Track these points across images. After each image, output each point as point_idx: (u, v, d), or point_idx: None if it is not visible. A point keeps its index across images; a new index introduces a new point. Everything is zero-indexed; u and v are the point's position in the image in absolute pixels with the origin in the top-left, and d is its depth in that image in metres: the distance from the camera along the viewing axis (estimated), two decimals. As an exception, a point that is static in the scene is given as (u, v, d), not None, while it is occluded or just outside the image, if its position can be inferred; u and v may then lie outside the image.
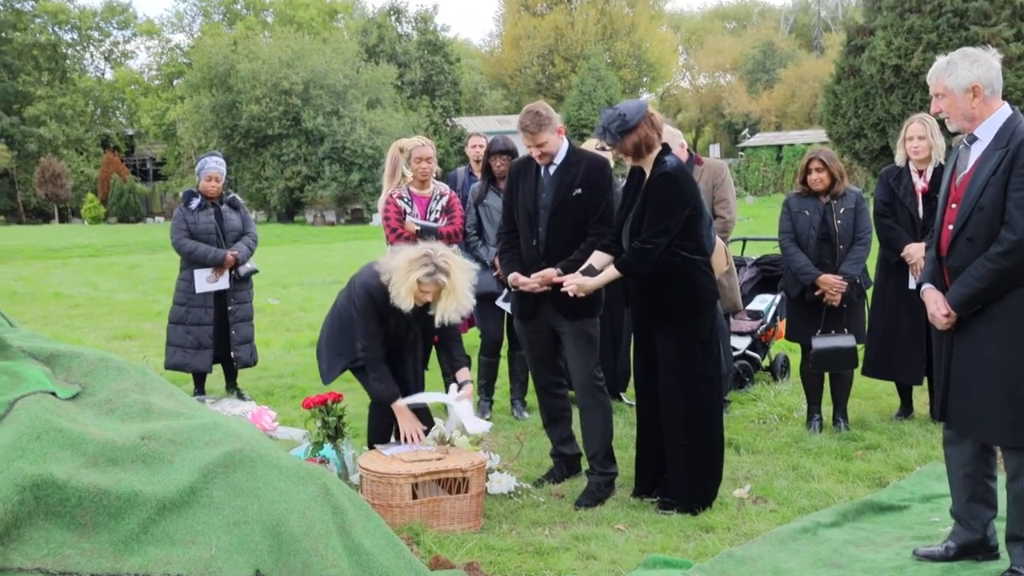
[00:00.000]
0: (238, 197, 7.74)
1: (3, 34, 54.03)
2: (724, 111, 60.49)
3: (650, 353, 5.01)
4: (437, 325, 5.18)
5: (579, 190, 5.13)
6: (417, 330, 5.38)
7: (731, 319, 7.01)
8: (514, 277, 5.22)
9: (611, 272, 4.89)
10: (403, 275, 4.99)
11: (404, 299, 4.99)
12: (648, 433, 5.11)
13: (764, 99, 57.81)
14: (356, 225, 40.09)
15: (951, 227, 3.96)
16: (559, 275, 5.04)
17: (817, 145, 37.52)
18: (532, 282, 5.12)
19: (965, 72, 3.89)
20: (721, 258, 6.23)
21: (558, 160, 5.21)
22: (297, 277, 18.01)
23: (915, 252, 6.24)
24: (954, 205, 3.97)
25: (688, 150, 6.64)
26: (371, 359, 5.23)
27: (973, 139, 3.97)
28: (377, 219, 33.00)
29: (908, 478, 5.34)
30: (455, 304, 5.09)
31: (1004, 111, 3.92)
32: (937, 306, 3.98)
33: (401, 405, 5.22)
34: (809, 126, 52.23)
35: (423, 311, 5.18)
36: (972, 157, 3.96)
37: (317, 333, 10.51)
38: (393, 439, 5.26)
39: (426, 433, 5.19)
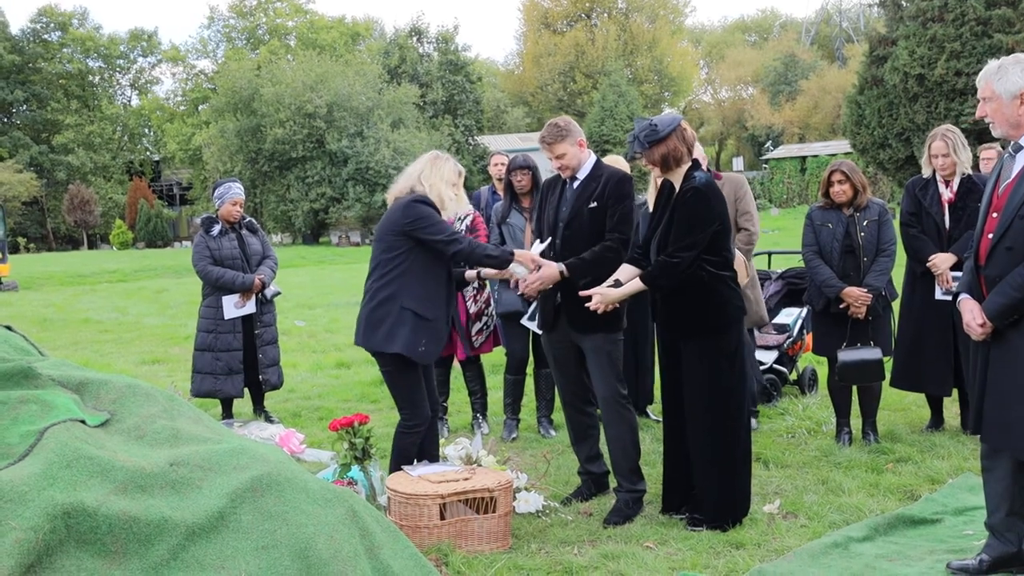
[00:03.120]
0: (254, 220, 7.76)
1: (31, 65, 54.81)
2: (747, 124, 60.44)
3: (676, 368, 4.99)
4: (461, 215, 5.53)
5: (594, 203, 5.15)
6: None
7: (756, 332, 6.97)
8: (528, 256, 5.21)
9: (636, 284, 4.89)
10: (436, 173, 5.11)
11: (449, 196, 5.11)
12: (676, 449, 5.09)
13: (787, 111, 57.67)
14: (381, 245, 40.16)
15: (991, 236, 3.89)
16: (563, 273, 5.08)
17: (841, 156, 37.41)
18: (533, 275, 5.14)
19: (1016, 78, 3.83)
20: (741, 270, 6.21)
21: (582, 174, 5.24)
22: (323, 298, 18.08)
23: (941, 262, 6.20)
24: (995, 214, 3.91)
25: (708, 166, 6.65)
26: (464, 248, 5.05)
27: (1019, 148, 3.90)
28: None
29: (940, 491, 5.28)
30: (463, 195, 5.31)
31: None
32: (973, 316, 3.92)
33: (519, 252, 5.23)
34: (833, 137, 52.05)
35: None
36: (1017, 166, 3.90)
37: (343, 354, 10.67)
38: (417, 460, 5.26)
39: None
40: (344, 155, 41.35)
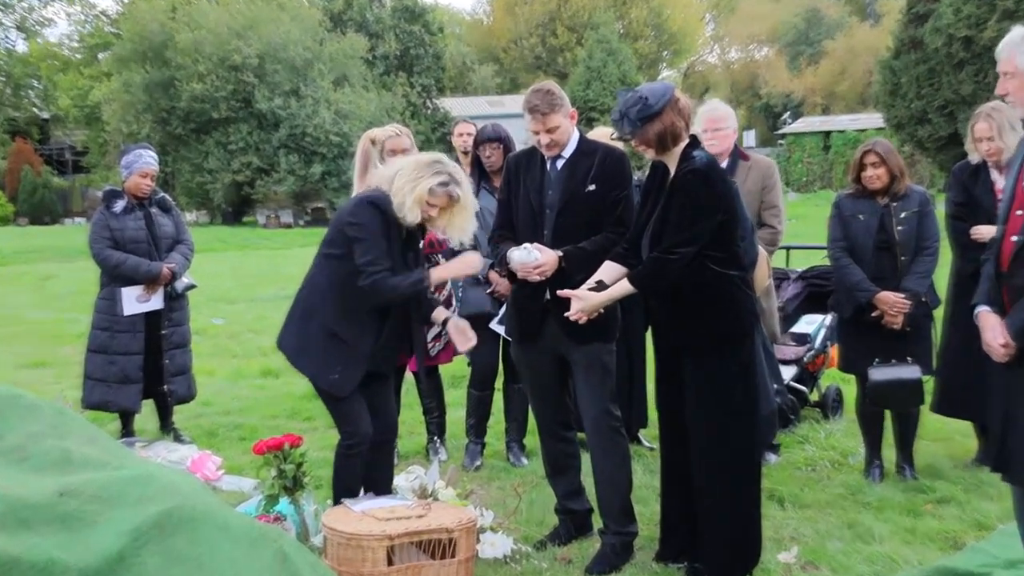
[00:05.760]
0: (168, 197, 7.70)
1: None
2: (760, 91, 60.83)
3: (676, 387, 4.98)
4: (456, 245, 5.32)
5: (592, 186, 5.15)
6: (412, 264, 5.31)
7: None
8: (509, 254, 5.16)
9: (623, 287, 4.84)
10: (411, 181, 5.00)
11: (410, 209, 4.98)
12: (674, 484, 5.09)
13: (808, 76, 58.10)
14: (318, 227, 39.97)
15: (1015, 238, 3.88)
16: (560, 261, 5.06)
17: (872, 133, 37.70)
18: (529, 268, 5.07)
19: None
20: (764, 271, 6.19)
21: (568, 152, 5.23)
22: (246, 291, 18.01)
23: (987, 231, 6.22)
24: (1020, 212, 3.91)
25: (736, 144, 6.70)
26: (381, 278, 4.98)
27: None
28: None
29: (989, 538, 5.31)
30: (466, 222, 5.17)
31: None
32: (993, 333, 3.91)
33: (442, 266, 5.26)
34: (862, 109, 52.50)
35: (410, 241, 5.22)
36: None
37: (270, 360, 10.60)
38: (363, 492, 5.23)
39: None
40: (276, 117, 41.18)
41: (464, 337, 5.32)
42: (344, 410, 5.16)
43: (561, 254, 5.09)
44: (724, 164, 6.71)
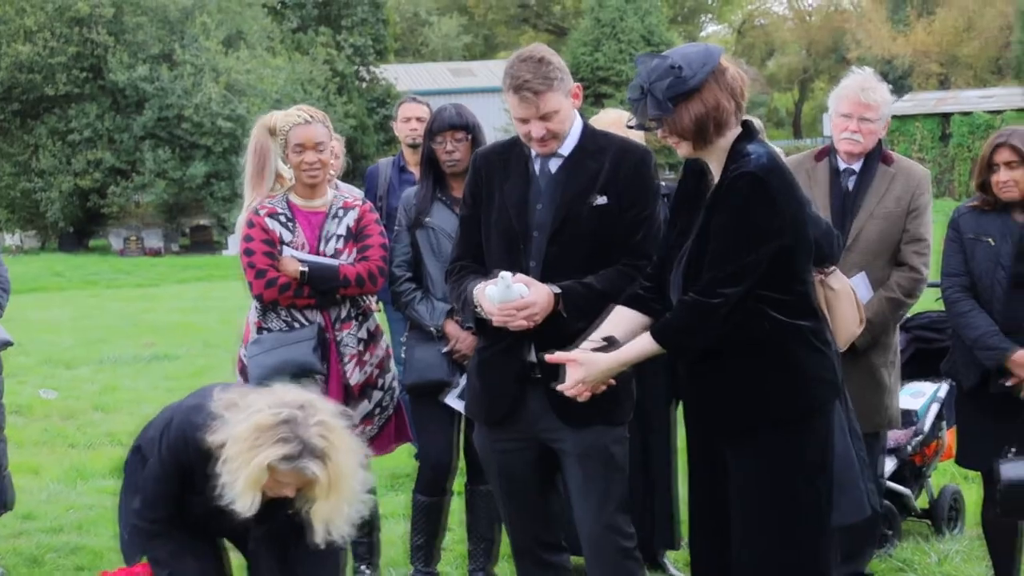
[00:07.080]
0: None
1: None
2: (849, 54, 61.07)
3: (717, 488, 4.98)
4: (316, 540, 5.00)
5: (602, 198, 5.20)
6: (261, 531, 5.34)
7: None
8: (479, 291, 5.17)
9: (642, 345, 4.82)
10: (245, 451, 4.77)
11: (240, 493, 4.80)
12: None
13: (919, 34, 58.41)
14: (199, 255, 40.05)
15: None
16: (556, 300, 5.07)
17: (1011, 116, 37.83)
18: (511, 308, 5.05)
19: None
20: (850, 315, 6.09)
21: (567, 148, 5.28)
22: (91, 350, 17.96)
23: None
24: None
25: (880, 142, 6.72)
26: (149, 530, 5.21)
27: None
28: (235, 246, 32.57)
29: None
30: (336, 511, 4.94)
31: None
32: None
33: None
34: (997, 81, 52.80)
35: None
36: None
37: (123, 451, 10.53)
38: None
39: None
40: (139, 93, 41.19)
41: None
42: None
43: (559, 291, 5.10)
44: (857, 167, 6.72)
